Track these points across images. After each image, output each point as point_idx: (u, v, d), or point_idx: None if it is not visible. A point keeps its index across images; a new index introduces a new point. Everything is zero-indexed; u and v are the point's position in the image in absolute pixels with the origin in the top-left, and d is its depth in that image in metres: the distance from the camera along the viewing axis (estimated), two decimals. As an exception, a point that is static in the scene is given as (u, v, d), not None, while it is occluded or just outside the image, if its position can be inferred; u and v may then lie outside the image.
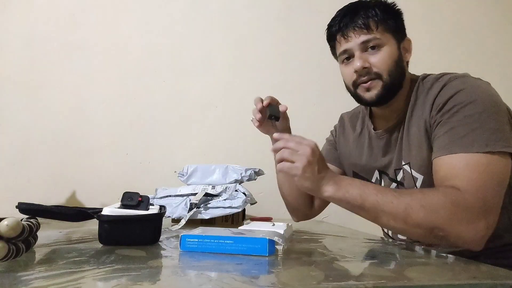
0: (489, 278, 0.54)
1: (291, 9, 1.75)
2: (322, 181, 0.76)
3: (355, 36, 0.88)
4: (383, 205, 0.72)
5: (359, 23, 0.87)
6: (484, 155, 0.72)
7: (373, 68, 0.87)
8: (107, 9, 1.67)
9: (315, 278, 0.51)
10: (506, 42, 1.89)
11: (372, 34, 0.87)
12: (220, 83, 1.69)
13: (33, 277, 0.49)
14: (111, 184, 1.53)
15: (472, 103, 0.76)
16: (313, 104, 1.68)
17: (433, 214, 0.69)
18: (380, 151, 0.98)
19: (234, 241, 0.65)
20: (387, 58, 0.87)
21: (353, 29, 0.88)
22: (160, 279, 0.52)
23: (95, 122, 1.61)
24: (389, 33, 0.88)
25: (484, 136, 0.73)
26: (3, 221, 0.54)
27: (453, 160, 0.74)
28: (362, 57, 0.87)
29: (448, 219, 0.69)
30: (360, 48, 0.88)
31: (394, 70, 0.87)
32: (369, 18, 0.87)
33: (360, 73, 0.88)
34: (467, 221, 0.69)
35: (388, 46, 0.88)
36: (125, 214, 0.73)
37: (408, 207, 0.70)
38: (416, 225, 0.70)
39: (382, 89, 0.87)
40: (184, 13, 1.71)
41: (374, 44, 0.87)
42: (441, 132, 0.78)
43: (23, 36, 1.61)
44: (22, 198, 0.77)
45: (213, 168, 1.28)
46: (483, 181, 0.71)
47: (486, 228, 0.70)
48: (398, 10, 0.93)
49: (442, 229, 0.69)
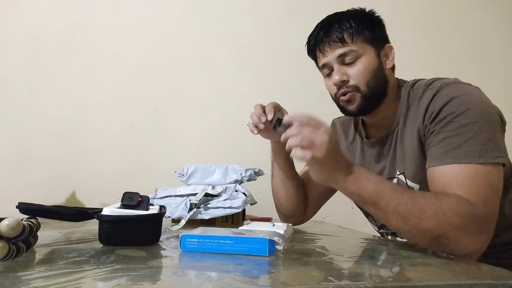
0: (489, 278, 0.54)
1: (291, 10, 1.75)
2: (340, 171, 0.74)
3: (331, 50, 0.89)
4: (398, 206, 0.71)
5: (333, 37, 0.88)
6: (478, 166, 0.73)
7: (351, 80, 0.88)
8: (107, 9, 1.67)
9: (315, 278, 0.51)
10: (507, 42, 1.89)
11: (348, 46, 0.87)
12: (220, 83, 1.69)
13: (33, 277, 0.49)
14: (111, 184, 1.53)
15: (465, 112, 0.77)
16: (313, 105, 1.68)
17: (445, 222, 0.69)
18: (372, 160, 0.98)
19: (234, 241, 0.65)
20: (364, 70, 0.87)
21: (328, 44, 0.89)
22: (160, 279, 0.52)
23: (95, 122, 1.61)
24: (366, 43, 0.88)
25: (476, 147, 0.74)
26: (4, 221, 0.54)
27: (451, 170, 0.75)
28: (340, 70, 0.88)
29: (457, 229, 0.69)
30: (337, 61, 0.89)
31: (372, 80, 0.87)
32: (344, 31, 0.88)
33: (339, 86, 0.89)
34: (473, 233, 0.70)
35: (365, 56, 0.88)
36: (125, 214, 0.73)
37: (421, 212, 0.70)
38: (425, 231, 0.70)
39: (362, 100, 0.88)
40: (184, 13, 1.71)
41: (350, 57, 0.87)
42: (435, 141, 0.79)
43: (23, 36, 1.61)
44: (22, 198, 0.77)
45: (213, 168, 1.27)
46: (487, 194, 0.72)
47: (486, 241, 0.71)
48: (376, 18, 0.93)
49: (448, 237, 0.69)
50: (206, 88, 1.68)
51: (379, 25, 0.93)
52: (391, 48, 0.93)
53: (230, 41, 1.71)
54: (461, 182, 0.73)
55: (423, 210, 0.70)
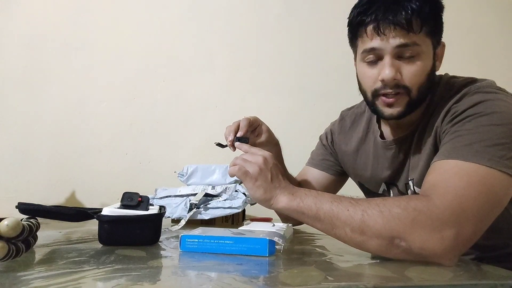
0: (489, 278, 0.54)
1: (291, 9, 1.75)
2: (276, 191, 0.72)
3: (391, 35, 0.70)
4: (338, 213, 0.64)
5: (401, 20, 0.69)
6: (481, 167, 0.62)
7: (404, 80, 0.73)
8: (107, 9, 1.66)
9: (315, 278, 0.51)
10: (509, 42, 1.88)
11: (414, 37, 0.70)
12: (220, 83, 1.69)
13: (33, 277, 0.49)
14: (111, 184, 1.53)
15: (489, 114, 0.66)
16: (313, 104, 1.68)
17: (393, 221, 0.60)
18: (386, 163, 0.87)
19: (234, 242, 0.64)
20: (422, 71, 0.73)
21: (393, 26, 0.70)
22: (160, 279, 0.52)
23: (95, 122, 1.61)
24: (429, 38, 0.73)
25: (489, 150, 0.63)
26: (3, 221, 0.54)
27: (445, 166, 0.65)
28: (395, 65, 0.72)
29: (409, 227, 0.59)
30: (394, 52, 0.72)
31: (425, 85, 0.74)
32: (414, 14, 0.69)
33: (387, 84, 0.73)
34: (431, 230, 0.59)
35: (426, 54, 0.73)
36: (125, 214, 0.73)
37: (364, 214, 0.62)
38: (374, 235, 0.61)
39: (407, 106, 0.75)
40: (184, 12, 1.71)
41: (411, 52, 0.71)
42: (447, 139, 0.69)
43: (23, 36, 1.61)
44: (22, 198, 0.77)
45: (213, 168, 1.27)
46: (467, 190, 0.61)
47: (455, 238, 0.59)
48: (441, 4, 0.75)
49: (404, 238, 0.60)
50: (206, 88, 1.68)
51: (441, 15, 0.75)
52: (444, 47, 0.79)
53: (230, 41, 1.71)
54: (447, 179, 0.63)
55: (366, 212, 0.62)
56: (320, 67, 1.66)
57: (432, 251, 0.59)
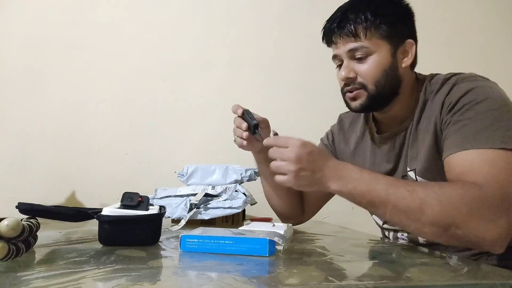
0: (489, 278, 0.54)
1: (291, 9, 1.75)
2: (323, 179, 0.72)
3: (342, 43, 0.85)
4: (395, 202, 0.67)
5: (345, 31, 0.83)
6: (499, 151, 0.68)
7: (358, 78, 0.84)
8: (107, 9, 1.66)
9: (315, 278, 0.51)
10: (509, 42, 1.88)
11: (360, 42, 0.82)
12: (220, 83, 1.69)
13: (33, 277, 0.49)
14: (111, 184, 1.52)
15: (483, 101, 0.73)
16: (312, 104, 1.68)
17: (452, 209, 0.64)
18: (384, 157, 0.93)
19: (234, 242, 0.65)
20: (374, 68, 0.83)
21: (340, 36, 0.84)
22: (160, 280, 0.52)
23: (95, 122, 1.61)
24: (382, 39, 0.83)
25: (498, 133, 0.69)
26: (3, 221, 0.54)
27: (468, 156, 0.70)
28: (349, 66, 0.85)
29: (468, 215, 0.63)
30: (347, 55, 0.85)
31: (382, 80, 0.83)
32: (358, 24, 0.82)
33: (345, 82, 0.86)
34: (488, 218, 0.64)
35: (378, 54, 0.83)
36: (125, 215, 0.73)
37: (423, 203, 0.65)
38: (431, 223, 0.65)
39: (367, 99, 0.84)
40: (184, 12, 1.71)
41: (361, 53, 0.83)
42: (452, 130, 0.75)
43: (23, 36, 1.60)
44: (22, 198, 0.77)
45: (213, 168, 1.28)
46: (503, 176, 0.66)
47: (507, 226, 0.64)
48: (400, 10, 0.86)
49: (461, 226, 0.64)
50: (206, 88, 1.67)
51: (402, 18, 0.86)
52: (412, 44, 0.87)
53: (230, 41, 1.71)
54: (478, 168, 0.68)
55: (424, 201, 0.65)
56: (320, 67, 1.65)
57: (488, 240, 0.64)
